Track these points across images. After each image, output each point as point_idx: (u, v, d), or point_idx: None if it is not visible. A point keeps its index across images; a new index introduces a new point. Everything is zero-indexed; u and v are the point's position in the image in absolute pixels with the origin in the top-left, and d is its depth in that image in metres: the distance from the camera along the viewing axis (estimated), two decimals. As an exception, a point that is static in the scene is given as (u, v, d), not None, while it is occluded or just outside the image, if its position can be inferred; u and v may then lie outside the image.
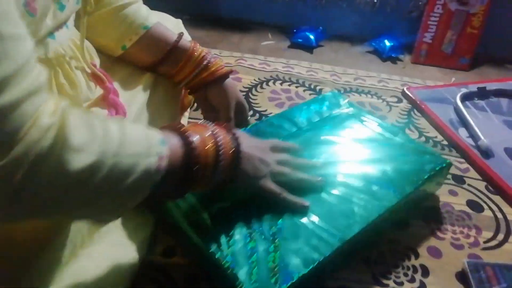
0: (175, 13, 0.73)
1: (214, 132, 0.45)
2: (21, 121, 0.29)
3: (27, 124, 0.29)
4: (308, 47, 1.18)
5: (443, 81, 1.08)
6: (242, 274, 0.43)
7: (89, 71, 0.51)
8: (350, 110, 0.69)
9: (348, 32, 1.25)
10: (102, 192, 0.34)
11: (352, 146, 0.62)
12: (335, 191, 0.54)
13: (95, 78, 0.51)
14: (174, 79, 0.62)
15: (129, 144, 0.35)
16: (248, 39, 1.21)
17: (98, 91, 0.53)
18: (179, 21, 0.73)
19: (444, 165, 0.59)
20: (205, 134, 0.44)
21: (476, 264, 0.54)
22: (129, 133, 0.36)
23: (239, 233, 0.48)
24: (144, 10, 0.60)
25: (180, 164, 0.41)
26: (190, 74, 0.61)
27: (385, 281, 0.53)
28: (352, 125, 0.66)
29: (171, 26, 0.65)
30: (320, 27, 1.21)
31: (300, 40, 1.18)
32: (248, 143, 0.49)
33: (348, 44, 1.23)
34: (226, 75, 0.62)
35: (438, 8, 1.14)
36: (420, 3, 1.18)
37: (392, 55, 1.17)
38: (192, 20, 1.24)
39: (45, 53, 0.44)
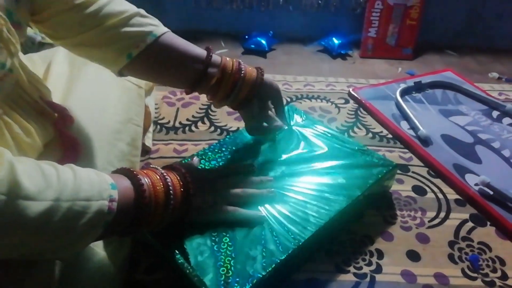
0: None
1: (164, 175, 0.50)
2: None
3: None
4: (261, 52, 1.27)
5: (390, 72, 1.21)
6: (207, 279, 0.50)
7: (40, 108, 0.52)
8: (305, 122, 0.78)
9: (298, 34, 1.35)
10: (58, 233, 0.38)
11: (306, 156, 0.70)
12: (290, 200, 0.62)
13: (46, 115, 0.53)
14: (212, 100, 0.64)
15: (82, 189, 0.40)
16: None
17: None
18: None
19: (390, 168, 0.69)
20: (154, 177, 0.49)
21: None
22: (82, 178, 0.41)
23: (204, 244, 0.55)
24: (149, 18, 0.57)
25: (131, 205, 0.45)
26: (229, 94, 0.62)
27: (346, 268, 0.62)
28: (307, 136, 0.75)
29: None
30: (271, 31, 1.30)
31: (252, 46, 1.27)
32: (197, 177, 0.54)
33: (299, 46, 1.33)
34: (262, 79, 0.64)
35: (378, 4, 1.26)
36: (361, 0, 1.29)
37: (342, 52, 1.28)
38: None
39: None
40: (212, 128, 0.90)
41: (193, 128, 0.90)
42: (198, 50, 0.59)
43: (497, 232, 0.69)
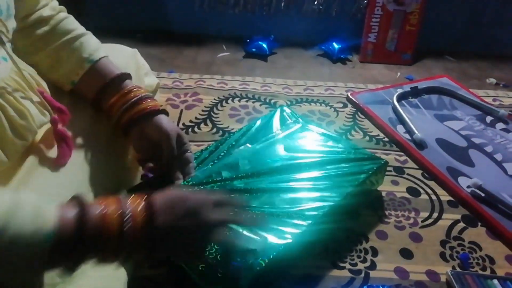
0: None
1: (125, 206, 0.42)
2: None
3: None
4: (263, 56, 1.31)
5: (389, 77, 1.26)
6: (208, 271, 0.55)
7: (37, 99, 0.53)
8: (299, 123, 0.83)
9: (299, 38, 1.40)
10: None
11: (301, 156, 0.75)
12: (285, 197, 0.66)
13: (44, 105, 0.55)
14: (109, 116, 0.64)
15: (14, 226, 0.34)
16: (204, 52, 1.33)
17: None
18: (135, 51, 0.79)
19: (380, 164, 0.74)
20: (110, 209, 0.41)
21: (458, 273, 0.65)
22: (19, 215, 0.35)
23: None
24: (93, 43, 0.63)
25: (71, 241, 0.38)
26: (119, 110, 0.62)
27: (342, 264, 0.67)
28: (301, 137, 0.79)
29: (126, 57, 0.71)
30: (272, 36, 1.35)
31: (254, 49, 1.32)
32: (168, 214, 0.43)
33: (300, 50, 1.38)
34: (159, 111, 0.64)
35: (378, 10, 1.31)
36: (361, 6, 1.34)
37: (342, 56, 1.33)
38: (146, 37, 1.35)
39: None
40: (215, 130, 0.95)
41: (196, 129, 0.95)
42: (116, 73, 0.63)
43: (487, 232, 0.74)
